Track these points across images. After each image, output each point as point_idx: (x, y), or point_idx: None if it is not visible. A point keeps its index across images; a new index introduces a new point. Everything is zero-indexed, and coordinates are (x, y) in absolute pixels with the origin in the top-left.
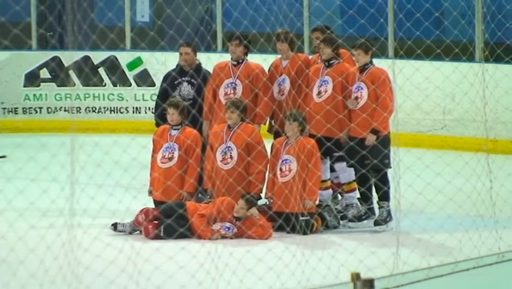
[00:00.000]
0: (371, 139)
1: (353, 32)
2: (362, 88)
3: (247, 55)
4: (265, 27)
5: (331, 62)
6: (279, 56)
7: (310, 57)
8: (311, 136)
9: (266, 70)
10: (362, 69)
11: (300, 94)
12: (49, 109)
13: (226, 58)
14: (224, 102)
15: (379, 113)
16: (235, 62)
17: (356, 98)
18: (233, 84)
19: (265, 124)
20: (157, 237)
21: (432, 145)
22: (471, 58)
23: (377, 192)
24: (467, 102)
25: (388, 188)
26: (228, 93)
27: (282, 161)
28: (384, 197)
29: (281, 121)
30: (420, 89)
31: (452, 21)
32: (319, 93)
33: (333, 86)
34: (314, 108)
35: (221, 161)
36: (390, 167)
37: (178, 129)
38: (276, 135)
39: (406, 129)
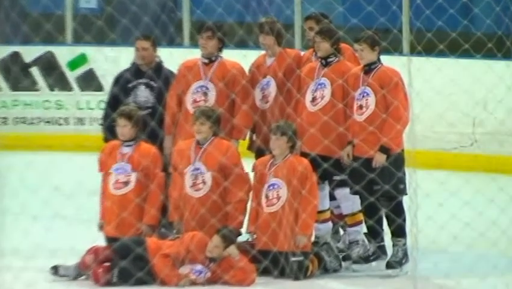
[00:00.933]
0: (380, 159)
1: (358, 22)
2: (368, 94)
3: (221, 51)
4: (245, 16)
5: (329, 60)
6: (263, 52)
7: (302, 53)
8: (304, 155)
9: (246, 70)
10: (368, 69)
11: (289, 101)
12: None
13: (195, 54)
14: (193, 110)
15: (390, 126)
16: (206, 60)
17: (361, 107)
18: (204, 88)
19: (244, 139)
20: (109, 283)
21: (458, 166)
22: (508, 55)
23: (389, 226)
24: (503, 111)
25: (404, 220)
26: (198, 99)
27: (269, 186)
28: (398, 232)
29: (265, 135)
30: (443, 94)
31: (483, 8)
32: (314, 99)
33: (331, 90)
34: (307, 119)
35: (191, 187)
36: (406, 194)
37: (131, 146)
38: (259, 153)
39: (426, 146)
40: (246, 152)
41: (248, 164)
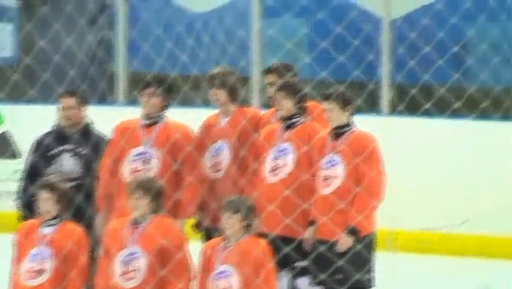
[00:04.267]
0: (345, 243)
1: (327, 75)
2: (336, 163)
3: (166, 110)
4: (191, 67)
5: (293, 121)
6: (214, 111)
7: (261, 113)
8: (262, 235)
9: (194, 132)
10: (338, 133)
11: (245, 171)
12: None
13: (133, 114)
14: (130, 181)
15: (363, 202)
16: (147, 122)
17: (327, 178)
18: (144, 155)
19: (190, 217)
20: None
21: (446, 250)
22: (507, 116)
23: None
24: (503, 184)
25: None
26: (137, 168)
27: (217, 275)
28: None
29: (215, 212)
30: (430, 163)
31: (478, 59)
32: (274, 168)
33: (295, 158)
34: (266, 193)
35: (121, 276)
36: (374, 286)
37: (53, 225)
38: (208, 234)
39: (406, 226)
40: (192, 232)
41: (195, 247)
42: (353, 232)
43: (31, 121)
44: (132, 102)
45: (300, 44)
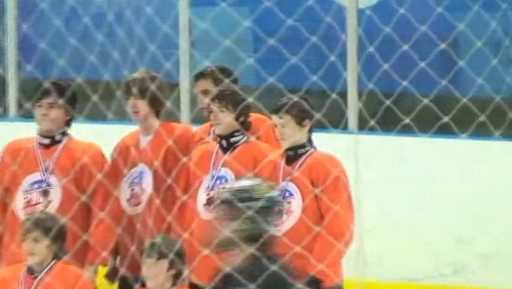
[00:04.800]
0: None
1: (278, 80)
2: (291, 194)
3: (69, 126)
4: (102, 71)
5: (233, 140)
6: (134, 127)
7: (193, 130)
8: (194, 287)
9: (107, 155)
10: (293, 156)
11: (172, 204)
12: None
13: (28, 131)
14: (24, 218)
15: (326, 244)
16: (46, 141)
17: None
18: (42, 184)
19: (103, 264)
20: None
21: None
22: (509, 134)
23: None
24: (508, 219)
25: None
26: (32, 201)
27: None
28: None
29: (134, 258)
30: (410, 193)
31: (474, 61)
32: (210, 201)
33: None
34: (199, 233)
35: None
36: None
37: None
38: (125, 285)
39: (383, 275)
40: (105, 283)
41: None
42: (313, 283)
43: None
44: (26, 116)
45: (241, 41)
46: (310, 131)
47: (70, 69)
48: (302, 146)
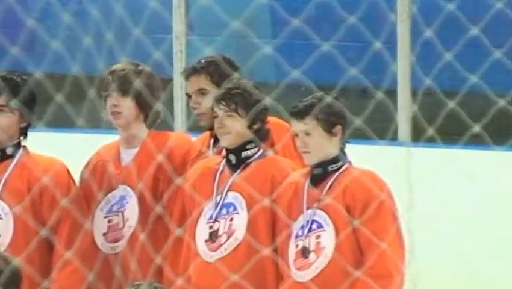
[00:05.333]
0: None
1: (303, 75)
2: (320, 227)
3: (25, 136)
4: (68, 63)
5: (245, 154)
6: (113, 137)
7: (191, 139)
8: None
9: (75, 174)
10: (321, 174)
11: (162, 240)
12: None
13: None
14: None
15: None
16: None
17: (305, 252)
18: None
19: None
20: None
21: None
22: None
23: None
24: None
25: None
26: None
27: None
28: None
29: None
30: (478, 224)
31: None
32: (214, 236)
33: (249, 217)
34: (199, 278)
35: None
36: None
37: None
38: None
39: None
40: None
41: None
42: None
43: None
44: None
45: (255, 22)
46: (344, 142)
47: (26, 59)
48: (333, 161)
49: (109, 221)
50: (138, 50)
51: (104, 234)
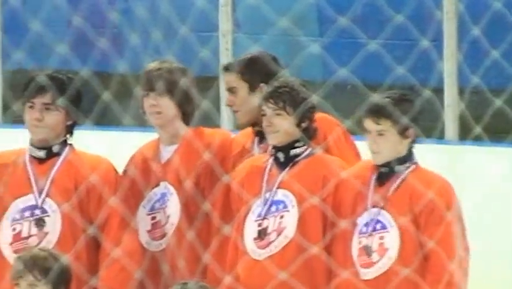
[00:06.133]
0: None
1: (350, 73)
2: (384, 228)
3: (71, 133)
4: (113, 62)
5: (294, 152)
6: (153, 136)
7: (231, 135)
8: None
9: (119, 171)
10: (388, 173)
11: (208, 237)
12: None
13: (15, 141)
14: (13, 257)
15: None
16: (40, 154)
17: (368, 251)
18: (36, 211)
19: None
20: None
21: None
22: None
23: None
24: None
25: None
26: (23, 233)
27: None
28: None
29: None
30: None
31: None
32: (262, 234)
33: (299, 215)
34: (248, 277)
35: None
36: None
37: None
38: None
39: None
40: None
41: None
42: None
43: None
44: (15, 122)
45: (302, 20)
46: (413, 142)
47: (73, 58)
48: (401, 161)
49: (153, 218)
50: (185, 49)
51: (148, 231)
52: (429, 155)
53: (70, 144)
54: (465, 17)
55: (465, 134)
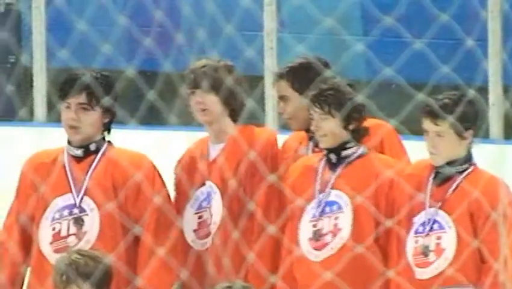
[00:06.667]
0: None
1: (396, 73)
2: (441, 228)
3: (109, 132)
4: (158, 61)
5: (346, 153)
6: (199, 135)
7: (277, 134)
8: None
9: (168, 172)
10: (445, 174)
11: (253, 237)
12: None
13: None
14: (54, 259)
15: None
16: (78, 152)
17: (425, 252)
18: (75, 209)
19: None
20: None
21: None
22: None
23: None
24: None
25: None
26: (62, 232)
27: None
28: None
29: None
30: None
31: None
32: (317, 235)
33: (353, 215)
34: (302, 280)
35: None
36: None
37: None
38: None
39: None
40: None
41: None
42: None
43: None
44: (53, 121)
45: (347, 19)
46: (471, 143)
47: (118, 57)
48: (460, 162)
49: (199, 217)
50: (230, 48)
51: (195, 230)
52: (474, 154)
53: (109, 141)
54: (510, 16)
55: (510, 133)
